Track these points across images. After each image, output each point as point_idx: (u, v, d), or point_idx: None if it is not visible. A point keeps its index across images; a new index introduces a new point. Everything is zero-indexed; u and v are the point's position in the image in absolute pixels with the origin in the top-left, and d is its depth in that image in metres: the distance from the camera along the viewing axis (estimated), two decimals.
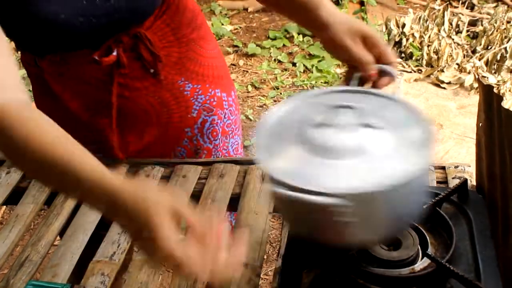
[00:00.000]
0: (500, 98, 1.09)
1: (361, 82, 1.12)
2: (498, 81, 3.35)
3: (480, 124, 1.21)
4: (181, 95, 1.42)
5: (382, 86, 1.11)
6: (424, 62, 3.58)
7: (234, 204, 1.33)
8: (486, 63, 3.53)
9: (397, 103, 0.97)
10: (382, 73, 1.11)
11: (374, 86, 1.11)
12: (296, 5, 1.17)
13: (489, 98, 1.14)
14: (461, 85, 3.34)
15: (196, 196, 1.35)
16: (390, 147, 0.87)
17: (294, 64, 3.92)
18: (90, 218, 1.30)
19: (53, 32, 1.20)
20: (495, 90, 3.11)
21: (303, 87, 3.65)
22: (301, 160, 0.87)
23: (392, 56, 1.12)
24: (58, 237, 1.31)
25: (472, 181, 1.27)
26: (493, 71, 3.49)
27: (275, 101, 3.59)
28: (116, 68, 1.31)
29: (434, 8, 4.11)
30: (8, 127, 0.86)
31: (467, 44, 3.78)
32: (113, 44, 1.28)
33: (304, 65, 3.87)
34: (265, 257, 1.21)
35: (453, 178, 1.29)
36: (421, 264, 0.97)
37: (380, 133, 0.89)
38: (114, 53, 1.29)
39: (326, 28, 1.13)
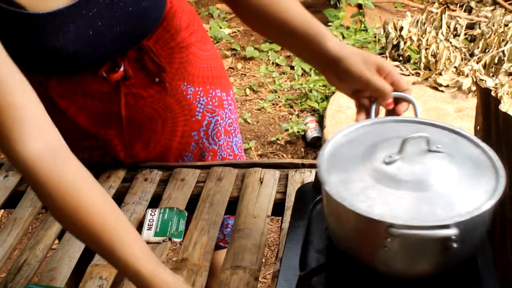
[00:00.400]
0: (497, 101, 1.09)
1: (376, 112, 1.13)
2: (496, 84, 3.35)
3: (478, 127, 1.21)
4: (184, 99, 1.42)
5: (401, 112, 1.11)
6: (422, 65, 3.58)
7: (232, 207, 1.33)
8: (484, 66, 3.53)
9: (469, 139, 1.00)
10: (397, 100, 1.12)
11: (392, 113, 1.12)
12: (299, 38, 1.16)
13: (487, 101, 1.14)
14: (459, 88, 3.34)
15: (194, 200, 1.35)
16: (454, 182, 0.89)
17: (292, 68, 3.92)
18: None
19: (61, 62, 1.20)
20: (492, 93, 3.10)
21: (301, 90, 3.66)
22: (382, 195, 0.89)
23: (405, 83, 1.13)
24: (56, 241, 1.31)
25: None
26: (491, 74, 3.49)
27: (273, 104, 3.59)
28: (122, 80, 1.32)
29: (431, 11, 4.11)
30: (54, 189, 0.93)
31: (465, 47, 3.79)
32: (119, 59, 1.29)
33: (302, 68, 3.87)
34: (263, 260, 1.21)
35: None
36: None
37: (448, 166, 0.91)
38: (122, 69, 1.30)
39: (338, 60, 1.12)
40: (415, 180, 0.88)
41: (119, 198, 1.37)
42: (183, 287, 0.93)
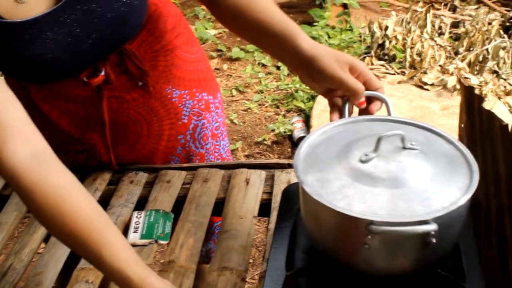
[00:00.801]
0: (481, 99, 1.09)
1: (349, 111, 1.14)
2: (480, 82, 3.38)
3: (462, 125, 1.22)
4: (169, 102, 1.41)
5: (374, 112, 1.12)
6: (407, 64, 3.60)
7: (218, 208, 1.32)
8: (469, 65, 3.55)
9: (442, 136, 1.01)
10: (370, 100, 1.12)
11: (365, 112, 1.12)
12: (275, 37, 1.16)
13: (471, 99, 1.14)
14: (444, 86, 3.36)
15: (180, 202, 1.35)
16: (429, 178, 0.90)
17: (278, 68, 3.92)
18: None
19: (40, 69, 1.19)
20: (477, 91, 3.13)
21: (287, 90, 3.66)
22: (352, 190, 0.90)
23: (379, 82, 1.13)
24: (42, 244, 1.30)
25: None
26: (475, 72, 3.52)
27: (259, 104, 3.60)
28: (104, 84, 1.31)
29: (416, 11, 4.14)
30: (40, 197, 0.93)
31: (450, 46, 3.81)
32: (100, 63, 1.28)
33: (288, 68, 3.88)
34: (251, 261, 1.21)
35: None
36: None
37: (423, 162, 0.93)
38: (103, 73, 1.28)
39: (312, 60, 1.11)
40: (391, 177, 0.89)
41: (105, 200, 1.36)
42: None
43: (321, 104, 3.30)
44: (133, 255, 0.94)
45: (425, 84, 3.39)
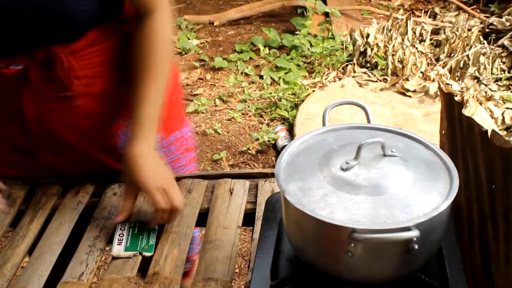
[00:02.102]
0: (460, 105, 1.10)
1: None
2: (461, 88, 3.40)
3: (443, 131, 1.23)
4: (102, 127, 1.38)
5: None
6: (389, 71, 3.62)
7: (203, 219, 1.32)
8: (450, 71, 3.58)
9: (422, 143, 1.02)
10: None
11: None
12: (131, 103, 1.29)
13: (451, 106, 1.16)
14: (426, 93, 3.38)
15: None
16: (410, 184, 0.91)
17: (261, 77, 3.93)
18: (57, 239, 1.28)
19: None
20: (459, 97, 3.14)
21: (270, 99, 3.67)
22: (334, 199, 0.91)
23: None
24: (26, 258, 1.29)
25: None
26: (456, 78, 3.54)
27: (243, 114, 3.60)
28: (22, 82, 1.27)
29: (397, 18, 4.17)
30: None
31: (431, 53, 3.84)
32: (25, 57, 1.24)
33: (271, 77, 3.88)
34: (237, 270, 1.21)
35: None
36: None
37: (403, 169, 0.93)
38: (19, 67, 1.25)
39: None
40: (372, 185, 0.90)
41: (89, 213, 1.35)
42: None
43: (304, 112, 3.31)
44: None
45: (407, 90, 3.41)
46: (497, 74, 3.63)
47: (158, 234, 1.29)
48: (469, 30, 3.88)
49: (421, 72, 3.54)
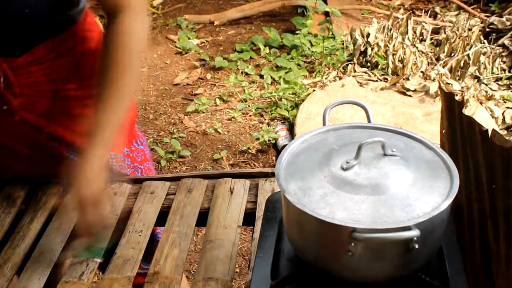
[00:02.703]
0: (461, 105, 1.10)
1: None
2: (462, 87, 3.40)
3: (444, 130, 1.23)
4: (47, 145, 1.37)
5: None
6: (390, 70, 3.62)
7: (203, 218, 1.32)
8: (450, 70, 3.58)
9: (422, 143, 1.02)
10: None
11: None
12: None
13: (451, 105, 1.15)
14: (426, 92, 3.38)
15: (165, 212, 1.34)
16: (410, 184, 0.91)
17: (261, 76, 3.93)
18: (57, 239, 1.28)
19: None
20: (459, 97, 3.14)
21: (271, 99, 3.66)
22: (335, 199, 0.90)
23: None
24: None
25: None
26: (457, 78, 3.54)
27: (243, 113, 3.60)
28: None
29: (397, 17, 4.16)
30: None
31: (431, 52, 3.84)
32: None
33: (271, 77, 3.88)
34: (237, 270, 1.21)
35: None
36: None
37: (404, 169, 0.93)
38: None
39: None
40: (373, 184, 0.90)
41: None
42: None
43: (305, 112, 3.31)
44: None
45: (408, 90, 3.41)
46: (498, 74, 3.62)
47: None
48: (470, 29, 3.88)
49: (422, 72, 3.54)
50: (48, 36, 1.24)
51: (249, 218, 1.32)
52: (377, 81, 3.57)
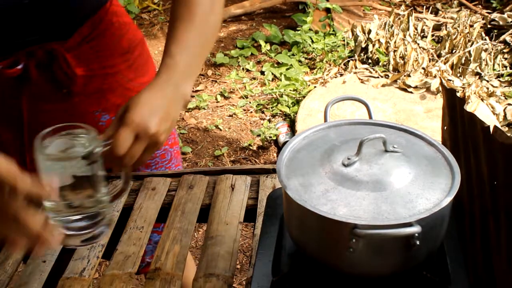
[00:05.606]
0: (462, 101, 1.10)
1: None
2: (463, 84, 3.40)
3: (445, 127, 1.23)
4: (96, 125, 1.32)
5: None
6: (391, 67, 3.62)
7: (204, 215, 1.32)
8: (451, 67, 3.58)
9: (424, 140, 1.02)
10: None
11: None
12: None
13: (453, 101, 1.15)
14: (428, 89, 3.38)
15: (166, 209, 1.34)
16: (411, 180, 0.91)
17: (262, 73, 3.93)
18: None
19: None
20: (460, 93, 3.14)
21: (272, 95, 3.66)
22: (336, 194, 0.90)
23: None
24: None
25: None
26: (458, 74, 3.54)
27: (244, 110, 3.60)
28: (22, 82, 1.25)
29: (399, 14, 4.16)
30: None
31: (432, 49, 3.84)
32: (24, 56, 1.22)
33: (272, 73, 3.88)
34: (238, 266, 1.21)
35: None
36: None
37: (405, 165, 0.93)
38: (20, 66, 1.23)
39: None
40: (374, 181, 0.90)
41: None
42: None
43: (306, 108, 3.31)
44: None
45: (409, 86, 3.41)
46: (499, 70, 3.62)
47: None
48: (471, 26, 3.88)
49: (423, 68, 3.54)
50: (90, 14, 1.27)
51: (250, 215, 1.32)
52: (378, 77, 3.57)
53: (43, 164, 0.94)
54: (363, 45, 3.81)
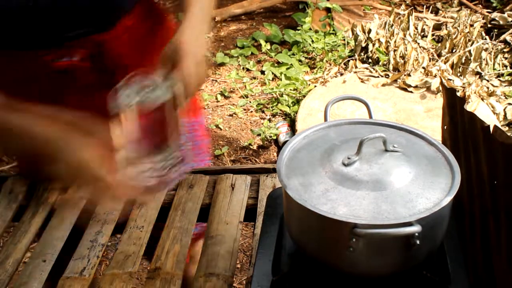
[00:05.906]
0: (462, 101, 1.10)
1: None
2: (463, 83, 3.40)
3: (445, 126, 1.23)
4: None
5: None
6: (391, 66, 3.62)
7: (204, 214, 1.32)
8: (452, 66, 3.58)
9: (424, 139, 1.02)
10: None
11: None
12: None
13: (453, 101, 1.15)
14: (428, 88, 3.38)
15: (166, 208, 1.34)
16: (412, 180, 0.91)
17: (262, 72, 3.93)
18: (59, 234, 1.28)
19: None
20: (460, 93, 3.13)
21: (272, 94, 3.66)
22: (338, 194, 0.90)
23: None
24: (28, 254, 1.29)
25: None
26: (458, 74, 3.54)
27: (244, 109, 3.60)
28: (68, 77, 1.25)
29: (399, 13, 4.16)
30: None
31: (433, 48, 3.83)
32: (73, 48, 1.23)
33: (272, 73, 3.88)
34: (238, 266, 1.21)
35: None
36: None
37: (405, 164, 0.93)
38: (66, 59, 1.23)
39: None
40: (374, 180, 0.90)
41: (90, 209, 1.35)
42: None
43: (306, 108, 3.31)
44: None
45: (409, 86, 3.41)
46: (499, 70, 3.62)
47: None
48: (471, 25, 3.87)
49: (423, 68, 3.54)
50: (131, 6, 1.28)
51: (250, 214, 1.32)
52: (378, 77, 3.57)
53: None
54: (363, 45, 3.81)
